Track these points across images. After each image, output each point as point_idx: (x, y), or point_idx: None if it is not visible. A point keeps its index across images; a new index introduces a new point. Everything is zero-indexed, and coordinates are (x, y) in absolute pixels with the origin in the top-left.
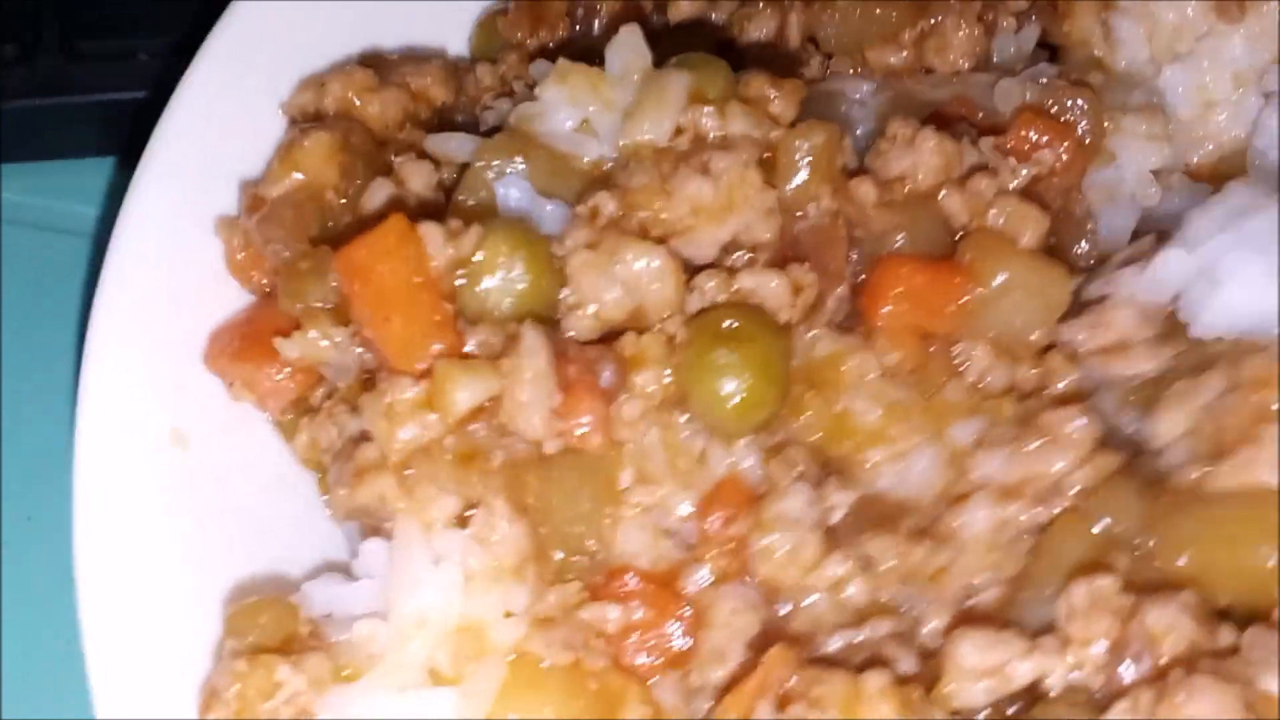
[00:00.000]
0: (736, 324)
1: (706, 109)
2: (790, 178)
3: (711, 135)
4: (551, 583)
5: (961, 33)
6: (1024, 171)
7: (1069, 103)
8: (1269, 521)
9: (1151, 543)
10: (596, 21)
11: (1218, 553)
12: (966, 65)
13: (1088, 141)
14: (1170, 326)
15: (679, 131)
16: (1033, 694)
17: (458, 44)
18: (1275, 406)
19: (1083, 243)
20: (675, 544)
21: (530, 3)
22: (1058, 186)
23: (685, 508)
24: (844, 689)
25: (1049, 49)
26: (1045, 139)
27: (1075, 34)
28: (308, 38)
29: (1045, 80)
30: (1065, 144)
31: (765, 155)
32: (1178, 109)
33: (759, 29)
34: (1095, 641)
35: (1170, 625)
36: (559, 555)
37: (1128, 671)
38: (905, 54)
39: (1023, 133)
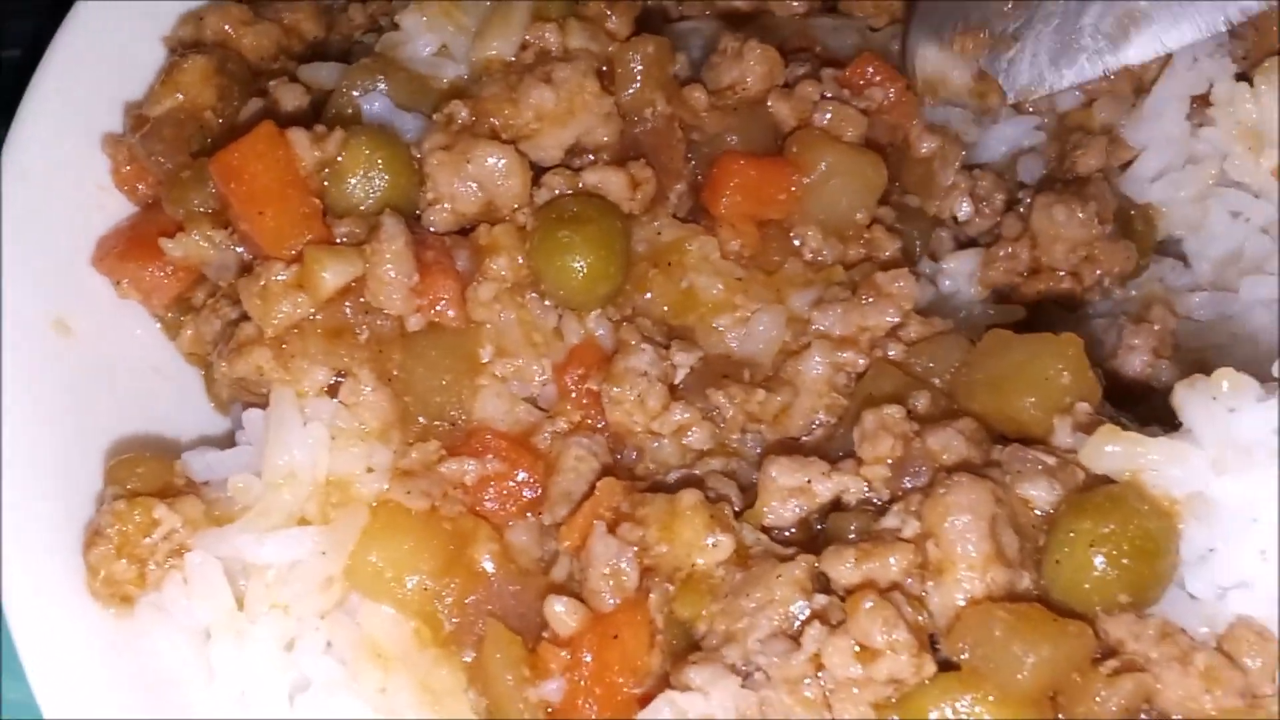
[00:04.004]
0: (576, 209)
1: (549, 26)
2: (626, 85)
3: (553, 50)
4: (413, 444)
5: None
6: (855, 103)
7: None
8: (1034, 377)
9: (951, 384)
10: None
11: (996, 400)
12: (802, 9)
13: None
14: None
15: (524, 47)
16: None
17: None
18: None
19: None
20: (529, 409)
21: None
22: (886, 123)
23: (541, 375)
24: (664, 508)
25: None
26: (879, 79)
27: None
28: None
29: (879, 30)
30: (895, 86)
31: (603, 67)
32: None
33: None
34: (882, 461)
35: (946, 445)
36: (422, 420)
37: (909, 484)
38: None
39: (861, 69)
